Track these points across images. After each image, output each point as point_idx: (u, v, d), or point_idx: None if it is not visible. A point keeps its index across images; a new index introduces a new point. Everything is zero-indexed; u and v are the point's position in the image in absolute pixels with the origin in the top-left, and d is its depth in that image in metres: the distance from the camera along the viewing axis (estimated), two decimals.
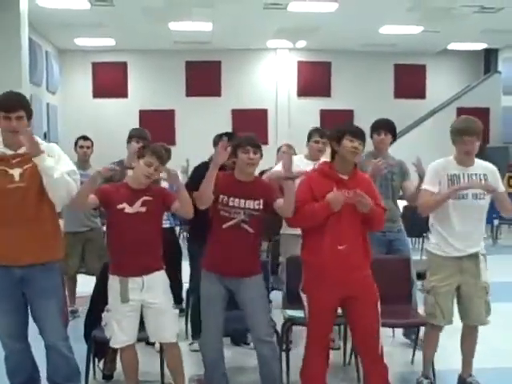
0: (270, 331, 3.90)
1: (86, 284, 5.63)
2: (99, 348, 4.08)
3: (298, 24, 13.53)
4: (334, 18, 12.84)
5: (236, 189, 3.77)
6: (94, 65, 16.43)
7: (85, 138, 6.06)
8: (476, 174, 3.94)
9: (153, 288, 3.66)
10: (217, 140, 4.85)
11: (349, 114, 16.46)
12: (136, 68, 16.50)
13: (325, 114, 16.52)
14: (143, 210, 3.65)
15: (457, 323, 4.04)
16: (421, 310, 4.55)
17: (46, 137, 14.30)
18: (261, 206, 3.77)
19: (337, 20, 13.04)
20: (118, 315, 3.64)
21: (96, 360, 4.19)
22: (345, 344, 4.48)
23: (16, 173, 3.38)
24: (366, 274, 3.68)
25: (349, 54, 16.39)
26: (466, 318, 3.99)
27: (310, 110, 16.42)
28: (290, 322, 4.29)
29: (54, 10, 12.18)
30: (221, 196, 3.73)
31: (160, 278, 3.73)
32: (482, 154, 4.09)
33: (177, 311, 3.84)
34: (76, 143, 6.02)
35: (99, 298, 3.97)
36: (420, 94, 17.16)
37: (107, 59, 16.27)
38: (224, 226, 3.73)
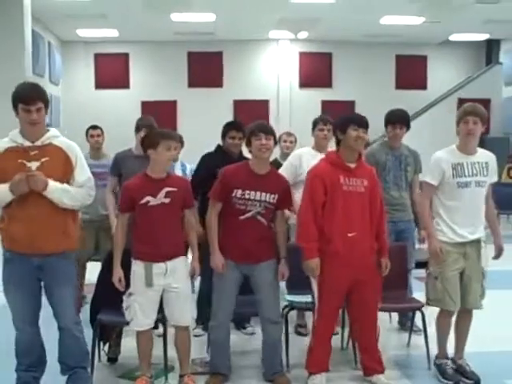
0: (279, 313, 4.07)
1: (93, 272, 5.75)
2: (104, 332, 4.19)
3: (300, 15, 13.57)
4: (335, 8, 12.89)
5: (252, 181, 3.88)
6: (97, 56, 16.49)
7: (94, 127, 6.10)
8: (479, 163, 4.03)
9: (175, 273, 3.78)
10: (225, 130, 4.92)
11: (350, 105, 16.50)
12: (138, 59, 16.55)
13: (326, 105, 16.55)
14: (167, 201, 3.76)
15: None
16: (416, 296, 4.67)
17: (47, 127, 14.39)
18: (275, 200, 3.91)
19: (338, 11, 13.08)
20: (141, 299, 3.75)
21: (101, 344, 4.29)
22: (342, 329, 4.60)
23: (34, 166, 3.44)
24: (372, 260, 3.90)
25: (350, 45, 16.41)
26: (463, 302, 4.08)
27: (312, 101, 16.46)
28: (290, 307, 4.40)
29: (57, 1, 12.25)
30: (235, 190, 3.85)
31: (182, 263, 3.85)
32: (482, 144, 4.17)
33: (194, 296, 3.97)
34: (87, 133, 6.06)
35: (104, 284, 4.09)
36: (421, 84, 17.19)
37: (109, 50, 16.33)
38: (240, 218, 3.85)
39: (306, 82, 16.95)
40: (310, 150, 5.10)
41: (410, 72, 17.04)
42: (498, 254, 4.17)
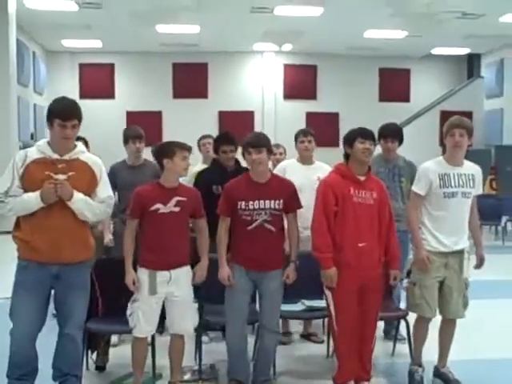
0: (278, 323, 4.11)
1: None
2: (92, 340, 4.20)
3: (284, 27, 13.73)
4: (319, 22, 13.05)
5: (253, 191, 3.93)
6: (81, 66, 16.54)
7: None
8: (465, 174, 4.11)
9: (178, 281, 3.82)
10: (217, 145, 4.97)
11: (334, 117, 16.71)
12: (123, 69, 16.61)
13: (310, 117, 16.71)
14: (177, 209, 3.81)
15: (436, 317, 4.21)
16: (402, 305, 4.73)
17: (32, 137, 14.34)
18: (281, 206, 3.95)
19: (322, 24, 13.25)
20: (144, 306, 3.79)
21: (89, 352, 4.30)
22: (328, 337, 4.64)
23: (60, 178, 3.48)
24: (379, 271, 3.97)
25: (334, 58, 16.62)
26: (444, 312, 4.16)
27: (296, 113, 16.61)
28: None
29: (42, 11, 12.27)
30: (239, 203, 3.90)
31: (185, 272, 3.89)
32: (465, 157, 4.26)
33: (196, 305, 4.02)
34: None
35: (92, 292, 4.11)
36: (404, 97, 17.45)
37: (94, 60, 16.39)
38: (249, 228, 3.90)
39: (291, 93, 17.10)
40: (294, 162, 5.17)
41: (394, 85, 17.30)
42: (480, 263, 4.24)
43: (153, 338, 4.01)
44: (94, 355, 4.39)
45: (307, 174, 4.83)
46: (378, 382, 4.23)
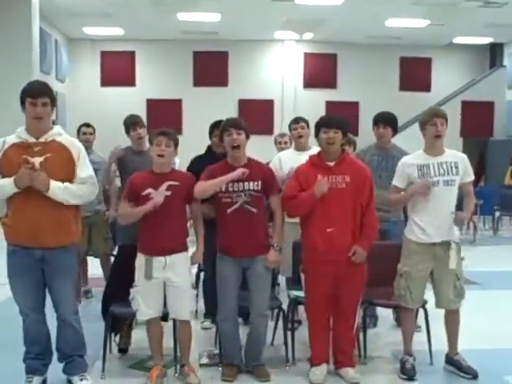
0: (267, 306, 4.15)
1: (97, 266, 5.87)
2: (115, 324, 4.30)
3: (305, 16, 13.67)
4: (340, 10, 12.98)
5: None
6: (103, 54, 16.59)
7: (87, 125, 6.19)
8: (446, 162, 4.13)
9: (174, 267, 3.90)
10: (210, 130, 5.06)
11: (354, 106, 16.62)
12: (144, 57, 16.65)
13: (330, 106, 16.65)
14: (168, 193, 3.87)
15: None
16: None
17: (53, 124, 14.48)
18: (259, 187, 4.01)
19: (343, 13, 13.18)
20: (142, 290, 3.90)
21: (112, 335, 4.40)
22: None
23: (36, 162, 3.55)
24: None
25: (355, 47, 16.51)
26: (438, 302, 4.22)
27: (316, 102, 16.54)
28: (294, 302, 4.52)
29: None
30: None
31: (182, 258, 3.96)
32: (485, 147, 4.27)
33: (194, 291, 4.08)
34: (78, 130, 6.15)
35: (116, 278, 4.23)
36: (425, 87, 17.27)
37: (115, 48, 16.43)
38: (228, 210, 3.96)
39: (311, 82, 17.05)
40: (291, 151, 5.27)
41: (414, 74, 17.12)
42: (458, 221, 4.10)
43: (174, 322, 4.09)
44: (117, 338, 4.49)
45: (300, 159, 4.87)
46: (388, 370, 4.29)
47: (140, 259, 3.91)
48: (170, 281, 3.90)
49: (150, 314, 3.94)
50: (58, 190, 3.56)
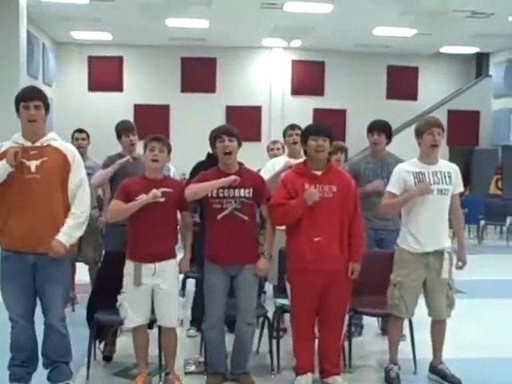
0: (254, 315, 4.15)
1: (84, 273, 5.84)
2: (100, 331, 4.28)
3: (294, 23, 13.72)
4: (328, 18, 13.04)
5: None
6: (90, 58, 16.55)
7: (80, 130, 6.18)
8: (441, 172, 4.16)
9: (163, 274, 3.89)
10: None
11: (341, 114, 16.71)
12: (132, 63, 16.63)
13: (318, 113, 16.72)
14: (161, 200, 3.87)
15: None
16: None
17: None
18: (251, 194, 4.01)
19: (331, 21, 13.25)
20: (131, 297, 3.88)
21: (97, 342, 4.38)
22: None
23: (33, 165, 3.61)
24: (341, 265, 3.99)
25: (342, 55, 16.61)
26: (429, 311, 4.24)
27: (304, 109, 16.61)
28: (280, 310, 4.52)
29: (53, 3, 12.29)
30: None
31: (171, 265, 3.96)
32: (471, 156, 4.31)
33: (181, 299, 4.06)
34: (72, 136, 6.13)
35: (101, 284, 4.20)
36: (412, 95, 17.41)
37: (103, 53, 16.40)
38: (219, 217, 3.95)
39: (298, 89, 17.11)
40: (284, 157, 5.29)
41: (401, 83, 17.26)
42: (462, 265, 4.24)
43: (159, 329, 4.08)
44: (102, 345, 4.47)
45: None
46: (373, 379, 4.30)
47: (129, 266, 3.89)
48: (158, 287, 3.89)
49: (137, 322, 3.93)
50: (66, 237, 3.63)
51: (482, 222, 11.38)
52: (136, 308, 3.89)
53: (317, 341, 4.16)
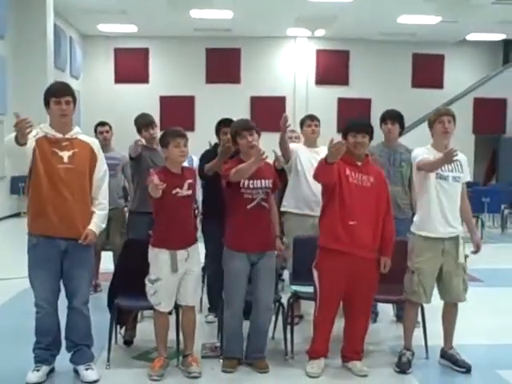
0: (272, 300, 4.29)
1: (109, 261, 6.00)
2: (120, 316, 4.43)
3: (317, 13, 13.75)
4: (352, 7, 13.04)
5: (254, 171, 4.10)
6: (116, 50, 16.79)
7: (102, 123, 6.30)
8: (453, 160, 4.21)
9: (193, 258, 4.12)
10: (217, 127, 5.17)
11: (366, 103, 16.66)
12: (157, 54, 16.82)
13: (342, 103, 16.72)
14: (190, 192, 4.10)
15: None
16: None
17: None
18: (271, 185, 4.21)
19: (355, 9, 13.24)
20: (167, 284, 4.04)
21: (118, 327, 4.54)
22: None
23: (65, 155, 3.84)
24: (372, 255, 4.09)
25: (367, 43, 16.55)
26: (445, 296, 4.28)
27: (328, 98, 16.63)
28: (295, 297, 4.62)
29: None
30: (243, 181, 4.09)
31: (197, 249, 4.21)
32: (497, 144, 4.35)
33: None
34: (95, 130, 6.27)
35: (122, 271, 4.37)
36: (438, 83, 17.28)
37: (129, 45, 16.62)
38: (249, 206, 4.11)
39: (323, 79, 17.11)
40: (301, 145, 5.43)
41: (427, 71, 17.13)
42: (477, 250, 4.31)
43: (177, 314, 4.22)
44: (123, 330, 4.63)
45: (312, 157, 5.00)
46: (385, 363, 4.37)
47: (163, 254, 4.03)
48: (190, 270, 4.10)
49: (171, 306, 4.13)
50: (99, 226, 3.97)
51: (506, 211, 11.30)
52: (171, 294, 4.07)
53: (342, 327, 4.26)
